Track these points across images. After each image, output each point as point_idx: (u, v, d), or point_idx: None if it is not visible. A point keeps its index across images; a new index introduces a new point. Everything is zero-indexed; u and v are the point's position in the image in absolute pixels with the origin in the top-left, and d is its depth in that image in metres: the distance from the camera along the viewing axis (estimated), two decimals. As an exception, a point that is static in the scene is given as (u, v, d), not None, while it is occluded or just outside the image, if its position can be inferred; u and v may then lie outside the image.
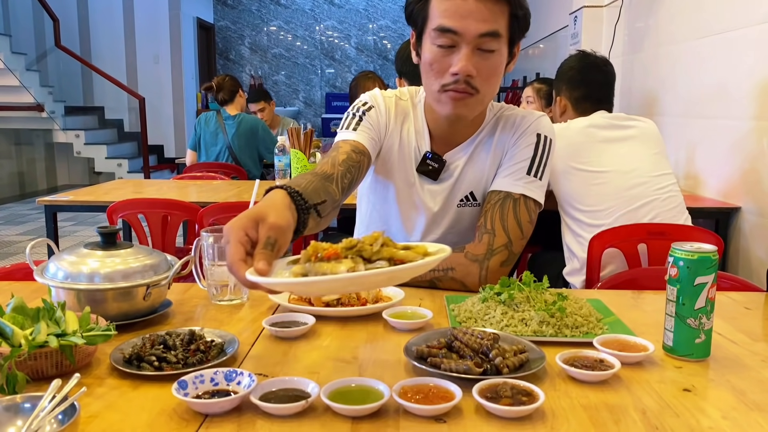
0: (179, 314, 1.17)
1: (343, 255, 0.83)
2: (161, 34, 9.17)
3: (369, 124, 1.41)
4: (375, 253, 0.83)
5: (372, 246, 0.84)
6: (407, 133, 1.45)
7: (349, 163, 1.30)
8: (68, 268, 1.08)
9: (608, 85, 2.34)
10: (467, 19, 1.22)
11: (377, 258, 0.83)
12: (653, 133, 2.21)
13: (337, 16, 10.68)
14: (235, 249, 0.85)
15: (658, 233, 2.01)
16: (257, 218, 0.89)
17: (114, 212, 2.55)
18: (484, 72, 1.27)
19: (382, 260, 0.83)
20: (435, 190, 1.46)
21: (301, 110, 10.74)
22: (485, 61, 1.27)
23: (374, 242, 0.84)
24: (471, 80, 1.26)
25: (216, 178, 3.69)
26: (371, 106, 1.44)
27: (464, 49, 1.24)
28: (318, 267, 0.81)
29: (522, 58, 6.87)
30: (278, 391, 0.82)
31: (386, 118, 1.44)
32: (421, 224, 1.48)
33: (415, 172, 1.45)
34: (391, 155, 1.46)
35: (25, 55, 7.99)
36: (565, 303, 1.08)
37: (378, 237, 0.85)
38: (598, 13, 4.19)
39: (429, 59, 1.29)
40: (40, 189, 8.69)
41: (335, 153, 1.32)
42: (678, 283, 0.95)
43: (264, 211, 0.90)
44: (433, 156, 1.43)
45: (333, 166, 1.27)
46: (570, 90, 2.34)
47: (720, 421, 0.78)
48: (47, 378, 0.85)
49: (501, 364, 0.88)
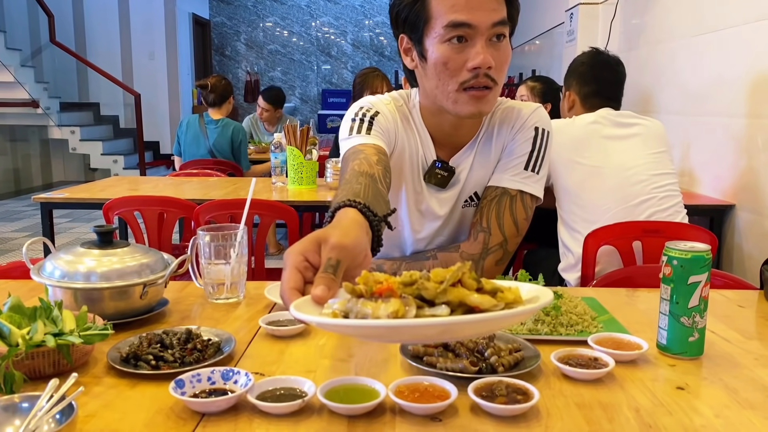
0: (176, 313, 1.17)
1: (399, 293, 0.65)
2: (157, 30, 9.15)
3: (380, 128, 1.33)
4: (440, 293, 0.64)
5: (440, 284, 0.65)
6: (412, 139, 1.40)
7: (383, 163, 1.22)
8: (65, 267, 1.08)
9: (618, 84, 2.34)
10: (478, 10, 1.19)
11: (442, 301, 0.64)
12: (658, 132, 2.20)
13: (333, 12, 10.66)
14: (289, 275, 0.74)
15: (653, 231, 2.02)
16: (319, 240, 0.77)
17: (110, 210, 2.55)
18: (498, 62, 1.23)
19: (447, 304, 0.64)
20: (443, 198, 1.42)
21: (297, 106, 10.72)
22: (498, 51, 1.23)
23: (445, 279, 0.65)
24: (490, 72, 1.22)
25: (212, 174, 3.69)
26: (377, 111, 1.36)
27: (479, 41, 1.20)
28: (362, 306, 0.65)
29: (518, 54, 6.88)
30: (275, 389, 0.82)
31: (394, 125, 1.37)
32: (429, 229, 1.45)
33: (422, 180, 1.41)
34: (400, 162, 1.40)
35: (20, 51, 7.96)
36: (560, 301, 1.09)
37: (453, 272, 0.66)
38: (594, 10, 4.20)
39: (441, 59, 1.22)
40: (35, 185, 8.67)
41: (364, 155, 1.22)
42: (672, 282, 0.96)
43: (327, 231, 0.79)
44: (442, 165, 1.39)
45: (371, 166, 1.18)
46: (580, 85, 2.34)
47: (713, 420, 0.79)
48: (44, 377, 0.85)
49: (496, 363, 0.88)
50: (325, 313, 0.68)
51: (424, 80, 1.30)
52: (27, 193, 8.24)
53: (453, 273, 0.66)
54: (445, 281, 0.65)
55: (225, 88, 4.21)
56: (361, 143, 1.29)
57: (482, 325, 0.64)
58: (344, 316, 0.66)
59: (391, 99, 1.42)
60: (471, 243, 1.36)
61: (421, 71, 1.30)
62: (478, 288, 0.66)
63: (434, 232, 1.45)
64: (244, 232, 1.24)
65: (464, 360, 0.88)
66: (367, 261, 0.81)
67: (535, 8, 6.04)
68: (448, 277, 0.65)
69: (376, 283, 0.66)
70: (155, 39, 9.17)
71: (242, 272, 1.24)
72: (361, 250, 0.80)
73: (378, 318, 0.63)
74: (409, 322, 0.62)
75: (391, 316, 0.62)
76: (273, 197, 2.86)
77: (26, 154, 8.65)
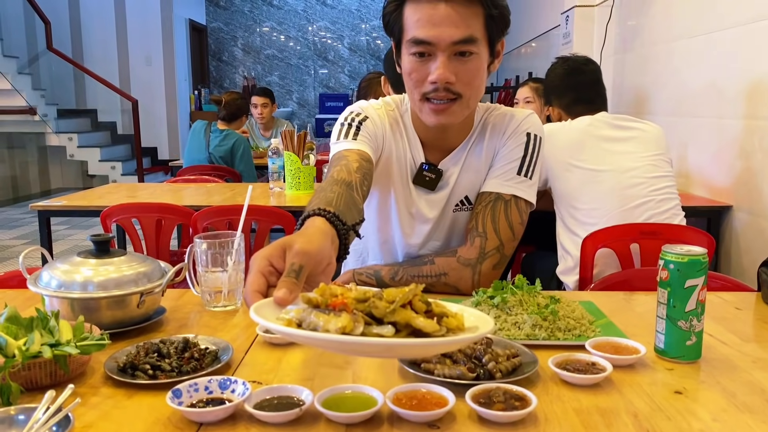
0: (173, 321, 1.17)
1: (352, 308, 0.70)
2: (153, 36, 9.15)
3: (367, 133, 1.37)
4: (389, 313, 0.69)
5: (390, 304, 0.70)
6: (400, 143, 1.43)
7: (363, 171, 1.26)
8: (61, 277, 1.08)
9: (594, 83, 2.32)
10: (440, 26, 1.21)
11: (389, 320, 0.69)
12: (656, 136, 2.20)
13: (329, 17, 10.67)
14: (253, 278, 0.79)
15: (651, 233, 2.02)
16: (284, 246, 0.82)
17: (107, 217, 2.54)
18: (463, 76, 1.25)
19: (394, 324, 0.69)
20: (432, 200, 1.44)
21: (294, 111, 10.73)
22: (464, 65, 1.24)
23: (395, 299, 0.70)
24: (451, 86, 1.25)
25: (210, 180, 3.69)
26: (366, 116, 1.40)
27: (440, 57, 1.23)
28: (315, 317, 0.70)
29: (514, 57, 6.89)
30: (272, 398, 0.82)
31: (382, 129, 1.41)
32: (420, 233, 1.46)
33: (410, 183, 1.43)
34: (388, 166, 1.43)
35: (16, 59, 7.96)
36: (557, 306, 1.09)
37: (404, 293, 0.71)
38: (590, 13, 4.21)
39: (408, 69, 1.28)
40: (33, 193, 8.66)
41: (346, 161, 1.26)
42: (668, 285, 0.96)
43: (292, 238, 0.84)
44: (430, 167, 1.41)
45: (350, 173, 1.22)
46: (559, 98, 2.35)
47: (710, 424, 0.79)
48: (41, 388, 0.85)
49: (494, 369, 0.88)
50: (280, 318, 0.72)
51: (405, 85, 1.34)
52: (25, 200, 8.23)
53: (404, 294, 0.70)
54: (395, 302, 0.69)
55: (239, 107, 4.25)
56: (346, 148, 1.33)
57: (421, 349, 0.70)
58: (298, 325, 0.70)
59: (383, 104, 1.45)
60: (467, 248, 1.36)
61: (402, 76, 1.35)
62: (427, 311, 0.71)
63: (425, 237, 1.46)
64: (240, 240, 1.24)
65: (462, 366, 0.88)
66: (330, 268, 0.86)
67: (530, 11, 6.05)
68: (397, 299, 0.70)
69: (332, 296, 0.71)
70: (152, 45, 9.17)
71: (239, 280, 1.24)
72: (324, 257, 0.85)
73: (327, 331, 0.67)
74: (352, 339, 0.66)
75: (339, 330, 0.66)
76: (271, 203, 2.86)
77: (24, 161, 8.64)
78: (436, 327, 0.69)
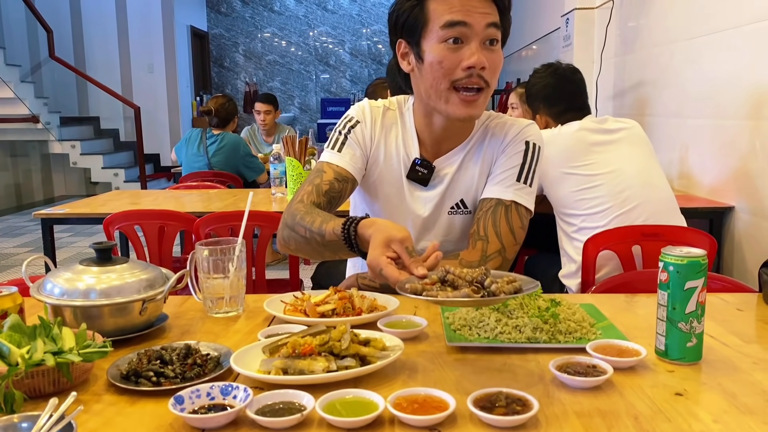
0: (175, 327, 1.18)
1: (317, 351, 0.92)
2: (155, 42, 9.18)
3: (353, 142, 1.45)
4: (344, 350, 0.93)
5: (340, 342, 0.93)
6: (394, 141, 1.47)
7: (332, 194, 1.40)
8: (64, 285, 1.09)
9: (582, 92, 2.38)
10: (473, 12, 1.27)
11: (345, 354, 0.93)
12: (640, 134, 2.25)
13: (330, 22, 10.70)
14: (389, 271, 1.04)
15: (652, 235, 2.02)
16: (386, 241, 1.08)
17: (110, 224, 2.55)
18: (491, 65, 1.30)
19: (351, 357, 0.93)
20: (425, 197, 1.46)
21: (296, 116, 10.75)
22: (492, 54, 1.30)
23: (342, 337, 0.94)
24: (483, 73, 1.29)
25: (212, 187, 3.70)
26: (357, 121, 1.47)
27: (474, 41, 1.28)
28: (297, 364, 0.91)
29: (515, 60, 6.90)
30: (274, 404, 0.83)
31: (371, 131, 1.47)
32: (412, 231, 1.47)
33: (404, 179, 1.46)
34: (378, 165, 1.47)
35: (19, 67, 7.98)
36: (558, 309, 1.09)
37: (344, 331, 0.95)
38: (590, 15, 4.21)
39: (437, 58, 1.29)
40: (36, 200, 8.69)
41: (319, 180, 1.40)
42: (668, 287, 0.96)
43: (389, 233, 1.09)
44: (422, 162, 1.44)
45: (319, 196, 1.39)
46: (548, 107, 2.38)
47: (711, 425, 0.79)
48: (45, 396, 0.85)
49: (497, 290, 0.92)
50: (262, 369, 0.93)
51: (420, 82, 1.37)
52: (28, 208, 8.26)
53: (345, 330, 0.95)
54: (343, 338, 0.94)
55: (228, 111, 4.27)
56: (327, 162, 1.44)
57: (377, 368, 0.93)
58: (283, 371, 0.91)
59: (384, 104, 1.50)
60: (470, 251, 1.37)
61: (416, 73, 1.37)
62: (361, 340, 0.97)
63: (418, 234, 1.48)
64: (242, 246, 1.24)
65: (466, 288, 0.92)
66: None
67: (531, 13, 6.06)
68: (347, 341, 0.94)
69: (299, 346, 0.93)
70: (154, 52, 9.20)
71: (241, 286, 1.25)
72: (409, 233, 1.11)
73: (313, 372, 0.90)
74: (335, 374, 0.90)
75: (324, 369, 0.90)
76: (273, 208, 2.87)
77: (27, 169, 8.67)
78: (373, 351, 0.95)
